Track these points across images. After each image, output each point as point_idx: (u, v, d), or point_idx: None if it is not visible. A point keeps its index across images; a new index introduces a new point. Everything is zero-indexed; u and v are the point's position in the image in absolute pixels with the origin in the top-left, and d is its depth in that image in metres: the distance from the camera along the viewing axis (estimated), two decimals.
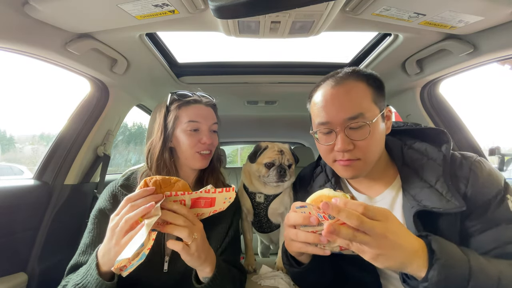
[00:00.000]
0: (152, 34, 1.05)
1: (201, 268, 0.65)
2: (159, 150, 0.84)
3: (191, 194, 0.58)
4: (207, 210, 0.61)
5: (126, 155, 3.80)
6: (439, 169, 0.64)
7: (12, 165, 3.67)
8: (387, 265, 0.48)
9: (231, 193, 0.60)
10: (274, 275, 0.98)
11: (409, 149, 0.73)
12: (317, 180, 0.88)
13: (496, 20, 0.80)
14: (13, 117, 5.09)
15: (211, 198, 0.59)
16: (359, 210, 0.48)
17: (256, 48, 1.33)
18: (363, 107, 0.64)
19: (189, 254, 0.59)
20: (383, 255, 0.47)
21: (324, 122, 0.68)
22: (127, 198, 0.58)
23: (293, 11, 0.76)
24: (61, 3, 0.70)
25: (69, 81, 1.20)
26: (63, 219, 1.17)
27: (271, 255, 1.57)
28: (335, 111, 0.66)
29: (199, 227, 0.60)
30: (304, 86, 1.47)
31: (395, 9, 0.76)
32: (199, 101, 0.88)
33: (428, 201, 0.61)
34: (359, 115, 0.64)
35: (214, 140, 0.88)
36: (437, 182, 0.63)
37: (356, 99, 0.65)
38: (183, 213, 0.57)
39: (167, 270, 0.77)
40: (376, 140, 0.66)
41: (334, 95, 0.67)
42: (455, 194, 0.59)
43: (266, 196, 1.10)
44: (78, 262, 0.73)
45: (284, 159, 1.05)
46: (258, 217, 1.13)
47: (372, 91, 0.66)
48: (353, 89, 0.66)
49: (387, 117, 0.71)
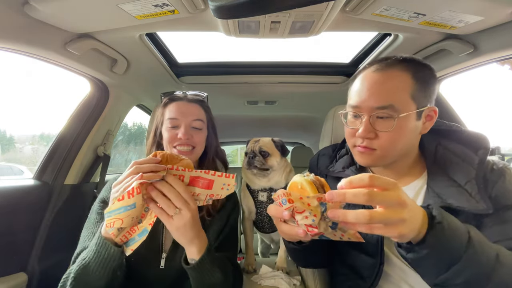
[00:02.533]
0: (152, 34, 1.05)
1: (187, 247, 0.65)
2: (150, 148, 0.88)
3: (191, 172, 0.59)
4: (204, 191, 0.61)
5: (126, 155, 3.79)
6: (472, 171, 0.62)
7: (12, 165, 3.67)
8: (412, 235, 0.45)
9: (230, 179, 0.59)
10: (274, 275, 0.98)
11: (444, 149, 0.70)
12: (340, 161, 0.86)
13: (496, 20, 0.80)
14: (13, 117, 5.07)
15: (209, 180, 0.59)
16: (366, 181, 0.43)
17: (256, 48, 1.33)
18: (396, 98, 0.61)
19: (172, 227, 0.60)
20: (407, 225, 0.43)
21: (354, 105, 0.66)
22: (134, 161, 0.59)
23: (293, 11, 0.76)
24: (61, 3, 0.70)
25: (69, 81, 1.20)
26: (63, 219, 1.17)
27: (271, 255, 1.57)
28: (367, 97, 0.64)
29: (193, 207, 0.60)
30: (304, 86, 1.46)
31: (395, 9, 0.76)
32: (181, 98, 0.88)
33: (454, 199, 0.60)
34: (389, 106, 0.61)
35: (195, 137, 0.85)
36: (467, 183, 0.61)
37: (392, 89, 0.62)
38: (180, 189, 0.58)
39: (163, 266, 0.77)
40: (402, 136, 0.63)
41: (372, 81, 0.65)
42: (484, 196, 0.59)
43: (268, 195, 1.10)
44: (84, 248, 0.71)
45: (256, 146, 1.13)
46: (261, 216, 1.14)
47: (416, 85, 0.62)
48: (393, 78, 0.63)
49: (428, 117, 0.66)
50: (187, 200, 0.59)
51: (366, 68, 0.69)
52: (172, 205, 0.58)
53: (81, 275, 0.63)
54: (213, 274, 0.67)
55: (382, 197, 0.42)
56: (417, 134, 0.67)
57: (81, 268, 0.63)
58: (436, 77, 0.66)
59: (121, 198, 0.53)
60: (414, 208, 0.46)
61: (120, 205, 0.53)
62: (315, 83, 1.43)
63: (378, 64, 0.66)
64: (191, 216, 0.59)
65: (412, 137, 0.66)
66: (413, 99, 0.62)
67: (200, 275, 0.66)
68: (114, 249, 0.61)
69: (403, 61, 0.65)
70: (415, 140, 0.68)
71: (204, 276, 0.66)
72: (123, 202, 0.53)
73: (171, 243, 0.79)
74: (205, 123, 0.89)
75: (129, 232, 0.60)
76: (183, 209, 0.58)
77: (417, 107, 0.62)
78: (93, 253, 0.62)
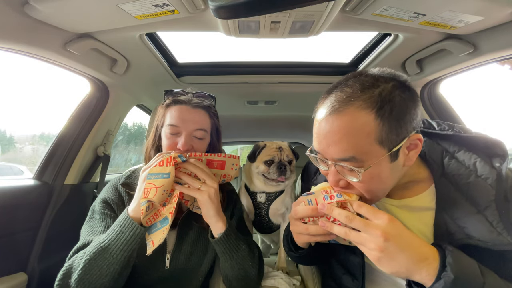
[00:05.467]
0: (152, 34, 1.05)
1: (215, 220, 0.71)
2: (149, 149, 0.84)
3: (207, 156, 0.73)
4: (219, 172, 0.74)
5: (126, 155, 3.79)
6: (490, 191, 0.51)
7: (12, 165, 3.66)
8: (392, 269, 0.46)
9: (236, 160, 0.74)
10: (274, 275, 0.98)
11: (451, 158, 0.59)
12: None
13: (496, 20, 0.80)
14: (13, 117, 5.07)
15: (222, 161, 0.74)
16: (353, 205, 0.50)
17: (256, 48, 1.33)
18: (357, 149, 0.50)
19: (204, 197, 0.68)
20: (386, 258, 0.46)
21: (316, 151, 0.58)
22: (159, 153, 0.71)
23: (293, 11, 0.76)
24: (61, 3, 0.70)
25: (69, 81, 1.20)
26: (63, 219, 1.17)
27: (271, 255, 1.57)
28: (325, 147, 0.54)
29: (215, 178, 0.71)
30: (304, 86, 1.46)
31: (395, 9, 0.76)
32: (186, 102, 0.79)
33: (474, 230, 0.51)
34: (350, 159, 0.51)
35: (196, 147, 0.78)
36: (486, 208, 0.51)
37: (351, 138, 0.50)
38: (202, 166, 0.70)
39: (168, 267, 0.78)
40: (378, 183, 0.54)
41: (328, 128, 0.52)
42: (508, 226, 0.48)
43: (267, 196, 1.10)
44: (87, 241, 0.70)
45: (283, 155, 1.06)
46: (259, 217, 1.13)
47: (382, 127, 0.49)
48: (351, 124, 0.50)
49: (412, 146, 0.53)
50: (209, 174, 0.70)
51: (323, 101, 0.56)
52: (196, 179, 0.69)
53: (97, 258, 0.63)
54: (239, 246, 0.74)
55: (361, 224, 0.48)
56: (400, 169, 0.55)
57: (99, 250, 0.63)
58: (414, 96, 0.52)
59: (161, 164, 0.65)
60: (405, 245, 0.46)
61: (158, 171, 0.64)
62: (315, 83, 1.43)
63: (334, 100, 0.52)
64: (217, 185, 0.70)
65: (393, 177, 0.56)
66: (381, 144, 0.50)
67: (229, 247, 0.72)
68: (140, 229, 0.64)
69: (363, 91, 0.50)
70: (401, 173, 0.57)
71: (232, 248, 0.73)
72: (161, 169, 0.64)
73: (174, 243, 0.80)
74: (208, 132, 0.82)
75: (154, 216, 0.67)
76: (207, 179, 0.69)
77: (389, 150, 0.50)
78: (116, 234, 0.64)
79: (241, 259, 0.74)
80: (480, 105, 11.71)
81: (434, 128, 0.63)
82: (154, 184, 0.63)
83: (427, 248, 0.48)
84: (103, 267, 0.62)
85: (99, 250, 0.63)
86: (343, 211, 0.51)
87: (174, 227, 0.81)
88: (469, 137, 0.58)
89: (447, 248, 0.47)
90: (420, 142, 0.53)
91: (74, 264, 0.65)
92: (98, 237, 0.68)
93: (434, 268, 0.46)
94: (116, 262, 0.63)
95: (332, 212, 0.51)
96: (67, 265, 0.66)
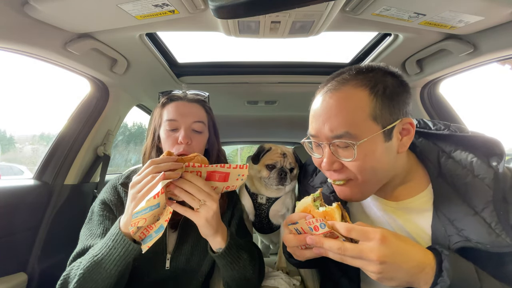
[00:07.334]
0: (152, 34, 1.05)
1: (212, 238, 0.66)
2: (149, 151, 0.83)
3: (207, 167, 0.62)
4: (221, 184, 0.64)
5: (126, 155, 3.80)
6: (488, 192, 0.51)
7: (12, 165, 3.67)
8: (393, 285, 0.47)
9: (244, 170, 0.62)
10: (275, 275, 0.98)
11: (448, 158, 0.59)
12: (319, 175, 0.81)
13: (496, 20, 0.80)
14: (13, 117, 5.09)
15: (225, 173, 0.62)
16: (342, 232, 0.47)
17: (256, 48, 1.33)
18: (351, 123, 0.52)
19: (201, 219, 0.61)
20: (385, 278, 0.46)
21: (312, 134, 0.59)
22: (151, 160, 0.60)
23: (293, 11, 0.76)
24: (61, 3, 0.70)
25: (69, 81, 1.20)
26: (63, 219, 1.17)
27: (271, 255, 1.57)
28: (321, 124, 0.56)
29: (216, 197, 0.62)
30: (304, 86, 1.47)
31: (395, 9, 0.76)
32: (181, 98, 0.82)
33: (473, 232, 0.50)
34: (344, 134, 0.52)
35: (195, 142, 0.79)
36: (484, 209, 0.50)
37: (346, 113, 0.53)
38: (200, 184, 0.60)
39: (168, 267, 0.78)
40: (372, 162, 0.54)
41: (324, 105, 0.56)
42: (506, 227, 0.48)
43: (268, 198, 1.10)
44: (86, 246, 0.69)
45: (286, 162, 1.04)
46: (259, 217, 1.13)
47: (376, 102, 0.52)
48: (347, 99, 0.54)
49: (405, 132, 0.55)
50: (209, 193, 0.60)
51: (320, 89, 0.60)
52: (196, 199, 0.60)
53: (91, 272, 0.61)
54: (240, 256, 0.70)
55: (355, 252, 0.46)
56: (394, 155, 0.56)
57: (92, 265, 0.61)
58: (405, 84, 0.56)
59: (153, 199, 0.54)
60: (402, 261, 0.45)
61: (147, 206, 0.55)
62: (315, 83, 1.42)
63: (330, 84, 0.57)
64: (216, 206, 0.62)
65: (388, 160, 0.55)
66: (375, 120, 0.52)
67: (230, 261, 0.68)
68: (132, 246, 0.60)
69: (358, 74, 0.55)
70: (395, 160, 0.57)
71: (233, 260, 0.69)
72: (150, 203, 0.54)
73: (174, 244, 0.80)
74: (206, 125, 0.83)
75: (147, 229, 0.61)
76: (207, 200, 0.60)
77: (383, 127, 0.52)
78: (108, 249, 0.61)
79: (243, 268, 0.71)
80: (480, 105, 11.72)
81: (430, 128, 0.63)
82: (142, 217, 0.56)
83: (423, 256, 0.47)
84: (98, 281, 0.61)
85: (93, 264, 0.61)
86: (333, 243, 0.48)
87: (175, 228, 0.81)
88: (466, 137, 0.58)
89: (443, 252, 0.47)
90: (412, 128, 0.55)
91: (71, 274, 0.64)
92: (93, 248, 0.65)
93: (431, 276, 0.46)
94: (110, 276, 0.61)
95: (323, 245, 0.49)
96: (65, 273, 0.65)
